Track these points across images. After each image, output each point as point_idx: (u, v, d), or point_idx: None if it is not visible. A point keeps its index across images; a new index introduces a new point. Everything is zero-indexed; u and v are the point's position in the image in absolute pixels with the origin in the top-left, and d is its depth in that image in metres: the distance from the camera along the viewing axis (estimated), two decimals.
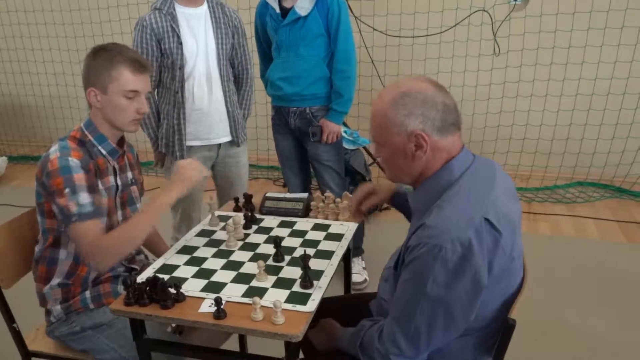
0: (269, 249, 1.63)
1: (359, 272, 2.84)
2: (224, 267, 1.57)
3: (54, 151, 1.57)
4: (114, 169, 1.70)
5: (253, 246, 1.69)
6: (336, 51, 2.52)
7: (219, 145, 2.47)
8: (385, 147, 1.28)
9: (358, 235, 2.87)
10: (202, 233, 1.81)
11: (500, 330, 1.29)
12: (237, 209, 1.99)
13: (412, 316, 1.20)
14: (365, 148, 3.82)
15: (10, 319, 1.73)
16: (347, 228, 1.80)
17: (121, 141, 1.72)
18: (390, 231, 3.38)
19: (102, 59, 1.59)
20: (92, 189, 1.56)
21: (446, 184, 1.24)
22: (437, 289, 1.15)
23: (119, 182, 1.73)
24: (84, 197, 1.53)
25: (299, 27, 2.49)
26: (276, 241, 1.58)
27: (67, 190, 1.52)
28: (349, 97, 2.57)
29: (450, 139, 1.25)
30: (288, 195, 1.97)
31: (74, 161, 1.54)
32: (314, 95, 2.60)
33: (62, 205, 1.52)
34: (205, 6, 2.36)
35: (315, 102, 2.61)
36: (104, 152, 1.66)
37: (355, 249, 2.90)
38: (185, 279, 1.51)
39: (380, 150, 1.30)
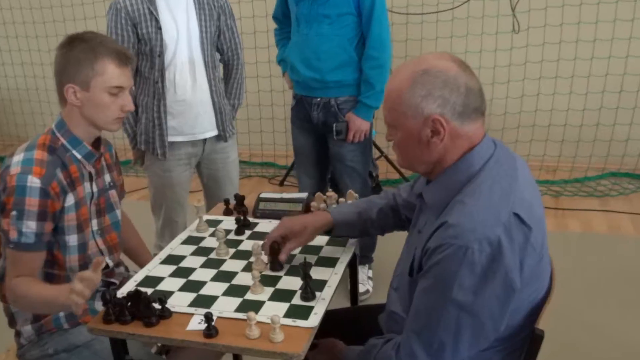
0: (265, 257, 1.61)
1: (362, 282, 2.83)
2: (215, 279, 1.56)
3: (16, 164, 1.56)
4: (90, 174, 1.69)
5: (247, 254, 1.68)
6: (369, 35, 2.44)
7: (205, 140, 2.46)
8: (398, 130, 1.28)
9: (367, 243, 2.85)
10: (189, 240, 1.80)
11: (526, 341, 1.28)
12: (227, 212, 1.98)
13: (435, 328, 1.19)
14: (372, 141, 3.81)
15: None
16: None
17: (97, 142, 1.71)
18: (402, 236, 3.37)
19: (81, 50, 1.57)
20: (43, 216, 1.55)
21: (467, 177, 1.24)
22: (464, 296, 1.15)
23: (95, 189, 1.72)
24: (29, 226, 1.53)
25: (323, 0, 2.42)
26: (273, 247, 1.58)
27: (13, 212, 1.52)
28: (382, 89, 2.47)
29: (472, 126, 1.24)
30: (285, 195, 1.96)
31: (33, 181, 1.53)
32: (339, 82, 2.52)
33: (4, 227, 1.55)
34: None
35: (342, 91, 2.53)
36: (78, 156, 1.64)
37: (362, 257, 2.89)
38: (171, 293, 1.50)
39: (393, 133, 1.30)
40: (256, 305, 1.42)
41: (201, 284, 1.55)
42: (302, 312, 1.39)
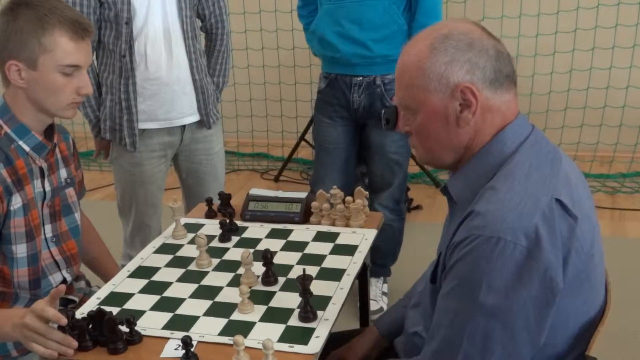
0: (256, 269, 1.62)
1: (375, 298, 2.84)
2: (195, 295, 1.57)
3: None
4: (40, 169, 1.70)
5: (233, 265, 1.68)
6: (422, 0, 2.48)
7: (183, 127, 2.47)
8: (417, 113, 1.28)
9: (387, 249, 2.87)
10: (163, 248, 1.81)
11: None
12: (210, 214, 1.99)
13: (459, 342, 1.20)
14: None
15: None
16: (361, 237, 1.80)
17: (50, 130, 1.72)
18: (425, 241, 3.37)
19: (27, 19, 1.57)
20: None
21: (499, 161, 1.26)
22: (494, 298, 1.15)
23: (48, 187, 1.72)
24: None
25: None
26: (266, 257, 1.59)
27: None
28: None
29: (506, 96, 1.26)
30: (280, 193, 1.97)
31: None
32: (386, 57, 2.50)
33: None
34: None
35: (390, 67, 2.50)
36: (26, 149, 1.65)
37: (379, 268, 2.90)
38: (141, 313, 1.51)
39: (410, 119, 1.31)
40: (245, 327, 1.43)
41: (178, 301, 1.55)
42: (300, 336, 1.39)
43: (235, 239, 1.83)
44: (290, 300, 1.52)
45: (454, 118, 1.25)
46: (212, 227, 1.89)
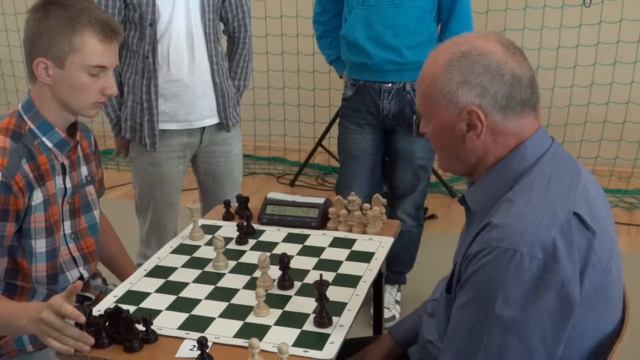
0: (273, 272, 1.63)
1: (388, 306, 2.84)
2: (211, 297, 1.58)
3: None
4: (62, 166, 1.72)
5: (250, 268, 1.69)
6: (457, 7, 2.50)
7: (203, 129, 2.49)
8: (431, 122, 1.31)
9: (404, 255, 2.87)
10: (181, 249, 1.82)
11: None
12: (227, 216, 2.00)
13: (474, 354, 1.20)
14: None
15: None
16: (378, 244, 1.80)
17: (73, 128, 1.74)
18: (439, 251, 3.35)
19: (58, 18, 1.58)
20: (3, 215, 1.57)
21: (518, 173, 1.26)
22: (510, 311, 1.15)
23: (69, 184, 1.74)
24: None
25: None
26: (283, 260, 1.59)
27: None
28: None
29: (518, 121, 1.26)
30: (298, 198, 1.97)
31: None
32: (417, 64, 2.50)
33: None
34: None
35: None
36: (49, 145, 1.67)
37: (395, 274, 2.90)
38: (157, 312, 1.52)
39: (426, 125, 1.33)
40: (260, 330, 1.44)
41: (194, 302, 1.56)
42: (315, 341, 1.39)
43: (252, 241, 1.84)
44: (305, 304, 1.52)
45: (460, 136, 1.27)
46: (229, 229, 1.90)
